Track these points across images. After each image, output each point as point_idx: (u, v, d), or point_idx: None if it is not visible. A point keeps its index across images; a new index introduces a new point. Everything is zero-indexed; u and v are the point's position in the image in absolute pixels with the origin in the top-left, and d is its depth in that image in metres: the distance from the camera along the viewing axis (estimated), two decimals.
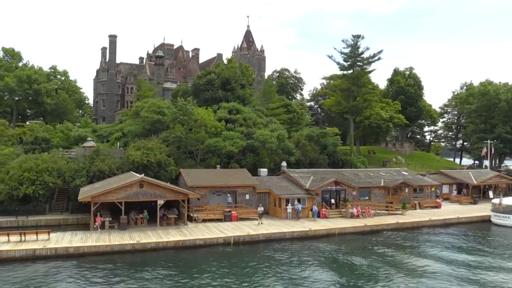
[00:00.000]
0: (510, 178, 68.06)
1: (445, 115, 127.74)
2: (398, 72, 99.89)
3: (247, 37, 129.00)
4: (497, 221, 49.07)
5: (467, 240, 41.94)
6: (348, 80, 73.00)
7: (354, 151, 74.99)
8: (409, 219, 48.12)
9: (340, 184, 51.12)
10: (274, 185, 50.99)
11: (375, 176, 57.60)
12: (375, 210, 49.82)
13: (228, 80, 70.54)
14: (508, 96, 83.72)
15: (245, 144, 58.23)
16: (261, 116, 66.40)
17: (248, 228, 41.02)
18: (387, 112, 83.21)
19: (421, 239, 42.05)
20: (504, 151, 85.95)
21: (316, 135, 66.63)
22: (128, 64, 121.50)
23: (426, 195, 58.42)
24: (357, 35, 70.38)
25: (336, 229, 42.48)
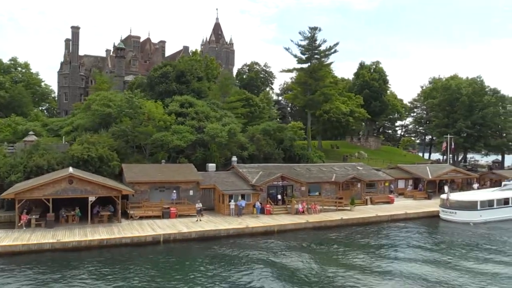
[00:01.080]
0: (466, 173, 67.64)
1: (415, 109, 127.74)
2: (363, 66, 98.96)
3: (216, 30, 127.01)
4: (445, 217, 48.32)
5: (409, 236, 40.92)
6: (306, 73, 71.65)
7: (312, 146, 73.72)
8: (356, 215, 47.06)
9: (287, 179, 49.78)
10: (220, 180, 49.43)
11: (328, 171, 56.46)
12: (322, 206, 48.59)
13: (183, 73, 68.71)
14: (469, 91, 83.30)
15: (194, 138, 56.53)
16: (216, 109, 64.66)
17: (183, 226, 39.45)
18: (348, 106, 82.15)
19: (362, 235, 40.91)
20: (465, 146, 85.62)
21: (272, 129, 65.19)
22: (93, 57, 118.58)
23: (379, 190, 57.46)
24: (314, 27, 69.07)
25: (275, 226, 41.13)
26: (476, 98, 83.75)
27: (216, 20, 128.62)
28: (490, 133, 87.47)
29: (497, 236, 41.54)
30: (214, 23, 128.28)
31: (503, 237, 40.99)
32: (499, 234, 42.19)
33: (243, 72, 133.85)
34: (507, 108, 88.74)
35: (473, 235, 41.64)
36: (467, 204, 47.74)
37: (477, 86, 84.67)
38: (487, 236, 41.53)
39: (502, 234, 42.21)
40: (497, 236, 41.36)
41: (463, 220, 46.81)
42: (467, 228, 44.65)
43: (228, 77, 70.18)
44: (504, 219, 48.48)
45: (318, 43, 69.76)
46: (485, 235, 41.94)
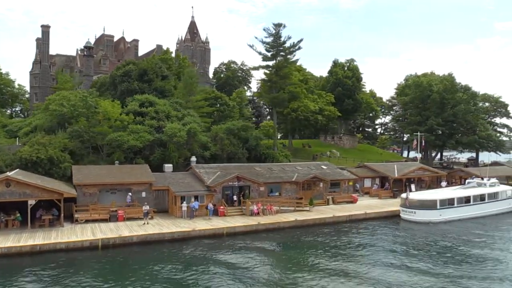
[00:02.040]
0: (434, 171, 66.62)
1: (394, 107, 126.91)
2: (337, 64, 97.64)
3: (191, 28, 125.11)
4: (405, 216, 47.14)
5: (362, 237, 39.66)
6: (271, 71, 70.20)
7: (279, 145, 72.18)
8: (312, 215, 45.71)
9: (244, 180, 48.28)
10: (175, 181, 47.79)
11: (290, 171, 55.04)
12: (279, 207, 47.15)
13: (145, 72, 66.89)
14: (440, 88, 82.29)
15: (152, 138, 54.80)
16: (178, 109, 62.94)
17: (127, 229, 37.80)
18: (318, 104, 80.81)
19: (314, 237, 39.53)
20: (437, 143, 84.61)
21: (236, 129, 63.62)
22: (65, 56, 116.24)
23: (343, 189, 56.19)
24: (278, 24, 67.50)
25: (224, 229, 39.61)
26: (448, 95, 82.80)
27: (192, 18, 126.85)
28: (463, 130, 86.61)
29: (451, 236, 40.45)
30: (190, 21, 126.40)
31: (458, 237, 39.91)
32: (455, 234, 41.09)
33: (220, 71, 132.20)
34: (478, 105, 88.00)
35: (428, 235, 40.57)
36: (426, 203, 46.63)
37: (448, 83, 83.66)
38: (441, 235, 40.45)
39: (458, 234, 41.11)
40: (451, 236, 40.27)
41: (423, 220, 45.69)
42: (424, 228, 43.55)
43: (193, 75, 68.42)
44: (465, 218, 47.44)
45: (283, 40, 68.33)
46: (441, 234, 40.86)
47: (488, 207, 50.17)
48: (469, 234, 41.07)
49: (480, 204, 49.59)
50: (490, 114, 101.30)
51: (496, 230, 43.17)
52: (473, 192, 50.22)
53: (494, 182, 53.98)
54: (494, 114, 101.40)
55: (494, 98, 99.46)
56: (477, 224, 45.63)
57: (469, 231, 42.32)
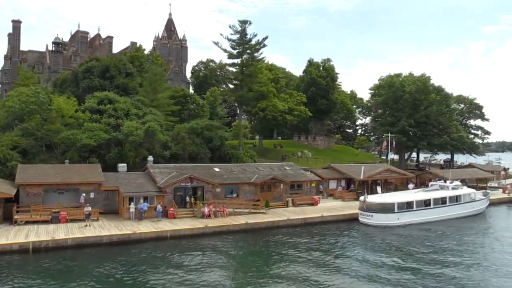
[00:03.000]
0: (402, 173, 65.38)
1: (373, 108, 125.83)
2: (312, 64, 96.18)
3: (168, 26, 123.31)
4: (363, 220, 45.72)
5: (309, 241, 38.09)
6: (237, 69, 68.56)
7: (244, 145, 70.51)
8: (266, 218, 44.13)
9: (197, 180, 46.57)
10: (126, 182, 45.99)
11: (251, 172, 53.47)
12: (233, 209, 45.53)
13: (107, 68, 64.96)
14: (412, 89, 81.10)
15: (108, 137, 52.92)
16: (140, 107, 61.09)
17: (64, 232, 35.97)
18: (288, 104, 79.25)
19: (260, 241, 37.92)
20: (408, 145, 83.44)
21: (200, 128, 61.92)
22: (38, 52, 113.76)
23: (305, 191, 54.73)
24: (244, 21, 65.69)
25: (168, 231, 37.91)
26: (421, 96, 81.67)
27: (169, 16, 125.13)
28: (436, 132, 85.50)
29: (405, 240, 39.13)
30: (167, 19, 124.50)
31: (412, 242, 38.55)
32: (410, 238, 39.77)
33: (198, 69, 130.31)
34: (451, 106, 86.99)
35: (381, 239, 39.14)
36: (384, 207, 45.23)
37: (420, 84, 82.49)
38: (396, 240, 39.09)
39: (413, 238, 39.79)
40: (405, 241, 38.94)
41: (380, 223, 44.32)
42: (380, 232, 42.15)
43: (157, 73, 66.49)
44: (424, 221, 46.12)
45: (249, 38, 66.70)
46: (395, 239, 39.50)
47: (449, 211, 48.93)
48: (425, 239, 39.78)
49: (441, 208, 48.33)
50: (464, 116, 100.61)
51: (454, 234, 41.91)
52: (434, 195, 48.92)
53: (457, 185, 52.80)
54: (469, 116, 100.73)
55: (468, 99, 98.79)
56: (436, 228, 44.33)
57: (426, 236, 41.01)
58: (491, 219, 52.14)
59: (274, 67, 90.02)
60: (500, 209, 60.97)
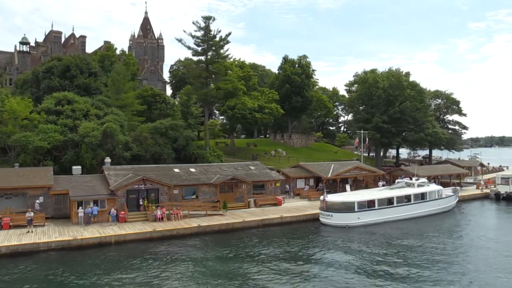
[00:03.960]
0: (372, 170, 63.96)
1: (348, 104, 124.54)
2: (287, 60, 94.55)
3: (144, 24, 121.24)
4: (323, 220, 44.19)
5: (262, 244, 36.47)
6: (201, 67, 66.76)
7: (211, 145, 68.71)
8: (221, 220, 42.46)
9: (151, 182, 44.81)
10: (78, 185, 44.07)
11: (213, 172, 51.78)
12: (188, 212, 43.85)
13: (68, 67, 63.03)
14: (385, 84, 79.65)
15: (63, 138, 51.07)
16: (101, 107, 59.23)
17: (2, 239, 34.13)
18: (258, 101, 77.54)
19: (212, 245, 36.30)
20: (383, 141, 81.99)
21: (164, 127, 60.22)
22: (9, 53, 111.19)
23: (268, 191, 53.17)
24: (207, 17, 63.90)
25: (112, 237, 36.16)
26: (395, 91, 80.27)
27: (145, 14, 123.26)
28: (411, 128, 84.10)
29: (358, 241, 37.66)
30: (143, 17, 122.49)
31: (365, 242, 37.08)
32: (364, 239, 38.30)
33: (177, 68, 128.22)
34: (426, 102, 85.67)
35: (337, 240, 37.68)
36: (343, 206, 43.75)
37: (394, 80, 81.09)
38: (352, 240, 37.65)
39: (367, 239, 38.32)
40: (358, 241, 37.46)
41: (339, 224, 42.82)
42: (338, 233, 40.68)
43: (121, 71, 64.60)
44: (387, 220, 44.69)
45: (213, 34, 64.89)
46: (350, 239, 38.08)
47: (414, 209, 47.53)
48: (383, 239, 38.37)
49: (405, 206, 46.90)
50: (441, 111, 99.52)
51: (415, 233, 40.54)
52: (398, 193, 47.49)
53: (423, 182, 51.42)
54: (445, 111, 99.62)
55: (445, 94, 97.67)
56: (398, 227, 43.00)
57: (384, 235, 39.59)
58: (459, 217, 50.91)
59: (245, 64, 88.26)
60: (472, 205, 59.83)
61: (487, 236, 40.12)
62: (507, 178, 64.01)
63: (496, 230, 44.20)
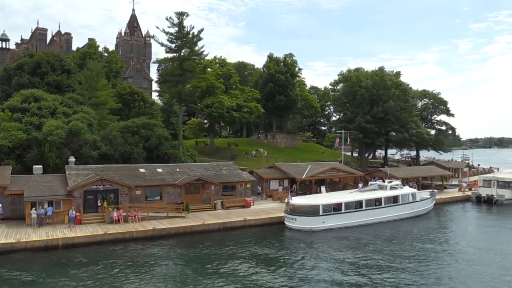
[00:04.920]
0: (350, 171, 62.32)
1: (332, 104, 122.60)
2: (272, 59, 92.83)
3: (131, 22, 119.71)
4: (288, 224, 42.58)
5: (218, 248, 34.95)
6: (177, 64, 65.11)
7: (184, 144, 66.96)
8: (180, 223, 40.89)
9: (111, 183, 43.27)
10: (36, 185, 42.54)
11: (181, 172, 50.27)
12: (147, 213, 42.29)
13: (39, 64, 61.57)
14: (368, 83, 77.84)
15: (26, 137, 49.56)
16: (70, 104, 57.72)
17: None
18: (237, 100, 75.85)
19: (164, 249, 34.75)
20: (366, 142, 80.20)
21: (135, 126, 58.69)
22: None
23: (238, 192, 51.62)
24: (181, 12, 62.10)
25: (60, 240, 34.68)
26: (379, 91, 78.51)
27: (132, 11, 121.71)
28: (396, 128, 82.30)
29: (316, 247, 36.04)
30: (130, 15, 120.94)
31: (323, 249, 35.48)
32: (323, 245, 36.71)
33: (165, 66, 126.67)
34: (410, 102, 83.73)
35: (292, 247, 36.17)
36: (307, 209, 42.17)
37: (377, 79, 79.30)
38: (312, 247, 36.07)
39: (328, 245, 36.73)
40: (315, 248, 35.84)
41: (303, 227, 41.20)
42: (300, 237, 39.07)
43: (93, 68, 63.00)
44: (355, 225, 42.98)
45: (187, 31, 63.26)
46: (309, 245, 36.51)
47: (385, 213, 45.89)
48: (344, 244, 36.86)
49: (375, 209, 45.27)
50: (428, 111, 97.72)
51: (380, 240, 38.92)
52: (367, 196, 45.82)
53: (396, 185, 49.75)
54: (432, 111, 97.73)
55: (432, 94, 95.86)
56: (365, 232, 41.32)
57: (348, 241, 38.09)
58: (433, 221, 49.21)
59: (226, 62, 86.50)
60: (452, 208, 58.15)
61: (458, 243, 38.45)
62: (489, 181, 62.38)
63: (470, 235, 42.34)
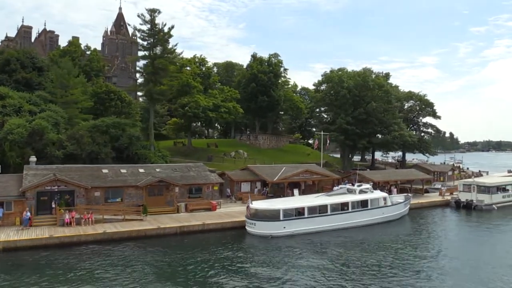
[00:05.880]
0: (324, 174, 60.71)
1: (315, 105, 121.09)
2: (256, 58, 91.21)
3: (118, 20, 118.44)
4: (248, 229, 40.94)
5: (162, 256, 33.42)
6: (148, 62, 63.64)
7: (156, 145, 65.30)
8: (134, 227, 39.31)
9: (66, 183, 41.77)
10: None
11: (146, 173, 48.77)
12: (103, 216, 40.77)
13: (8, 61, 60.17)
14: (350, 84, 76.20)
15: None
16: (38, 103, 56.31)
17: None
18: (215, 100, 74.22)
19: (111, 254, 33.21)
20: (347, 144, 78.56)
21: (105, 125, 57.24)
22: None
23: (205, 195, 50.10)
24: (153, 9, 60.52)
25: (1, 243, 33.16)
26: (361, 92, 76.87)
27: (119, 10, 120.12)
28: (379, 129, 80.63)
29: (272, 254, 34.44)
30: (117, 13, 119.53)
31: (280, 257, 33.86)
32: (280, 252, 35.08)
33: None
34: (393, 103, 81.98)
35: (246, 253, 34.58)
36: (267, 214, 40.53)
37: (359, 79, 77.65)
38: (261, 255, 34.50)
39: (285, 252, 35.10)
40: (271, 255, 34.24)
41: (262, 233, 39.57)
42: (257, 244, 37.52)
43: (64, 65, 61.45)
44: (318, 230, 41.26)
45: (159, 28, 61.68)
46: (261, 254, 34.92)
47: (352, 218, 44.23)
48: (301, 251, 35.20)
49: (342, 214, 43.64)
50: (414, 113, 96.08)
51: (341, 246, 37.20)
52: (333, 200, 44.16)
53: (366, 188, 48.11)
54: (417, 113, 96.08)
55: (418, 96, 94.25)
56: (328, 238, 39.56)
57: (307, 248, 36.34)
58: (404, 226, 47.43)
59: (205, 61, 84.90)
60: (429, 213, 56.30)
61: (428, 249, 36.85)
62: (469, 185, 60.72)
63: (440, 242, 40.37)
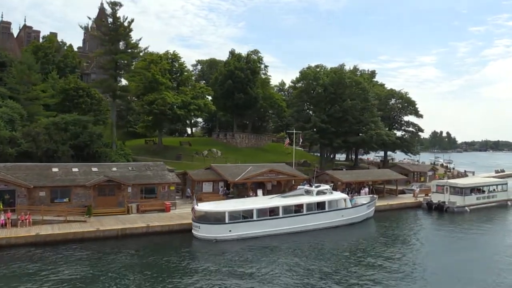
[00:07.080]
0: (291, 174, 58.75)
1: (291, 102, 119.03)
2: (234, 55, 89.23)
3: (99, 16, 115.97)
4: (193, 232, 38.97)
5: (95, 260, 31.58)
6: (110, 57, 61.77)
7: (118, 143, 63.44)
8: (72, 229, 37.45)
9: (5, 183, 39.96)
10: None
11: (98, 173, 46.88)
12: (42, 217, 38.97)
13: None
14: (325, 81, 74.12)
15: None
16: None
17: None
18: (185, 96, 72.24)
19: (36, 259, 31.40)
20: (322, 143, 76.53)
21: (64, 123, 55.47)
22: None
23: (161, 195, 48.25)
24: (114, 2, 58.73)
25: None
26: (338, 89, 74.78)
27: (101, 5, 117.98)
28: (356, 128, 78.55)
29: (212, 260, 32.57)
30: (99, 8, 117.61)
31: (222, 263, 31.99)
32: (224, 257, 33.21)
33: None
34: (370, 101, 79.72)
35: (184, 258, 32.71)
36: (212, 216, 38.67)
37: (335, 76, 75.51)
38: (201, 261, 32.67)
39: (226, 257, 33.23)
40: (210, 261, 32.37)
41: (207, 236, 37.67)
42: (201, 248, 35.69)
43: (25, 60, 59.75)
44: (267, 234, 39.26)
45: (121, 22, 59.74)
46: (201, 259, 33.08)
47: (307, 220, 42.24)
48: (243, 257, 33.30)
49: (295, 217, 41.66)
50: (396, 112, 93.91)
51: (290, 252, 35.30)
52: (286, 202, 42.17)
53: (325, 189, 46.10)
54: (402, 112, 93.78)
55: (399, 94, 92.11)
56: (277, 243, 37.56)
57: (250, 253, 34.43)
58: (365, 230, 45.40)
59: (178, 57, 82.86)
60: (398, 215, 54.17)
61: (382, 255, 34.87)
62: (442, 186, 58.72)
63: (402, 247, 38.37)
